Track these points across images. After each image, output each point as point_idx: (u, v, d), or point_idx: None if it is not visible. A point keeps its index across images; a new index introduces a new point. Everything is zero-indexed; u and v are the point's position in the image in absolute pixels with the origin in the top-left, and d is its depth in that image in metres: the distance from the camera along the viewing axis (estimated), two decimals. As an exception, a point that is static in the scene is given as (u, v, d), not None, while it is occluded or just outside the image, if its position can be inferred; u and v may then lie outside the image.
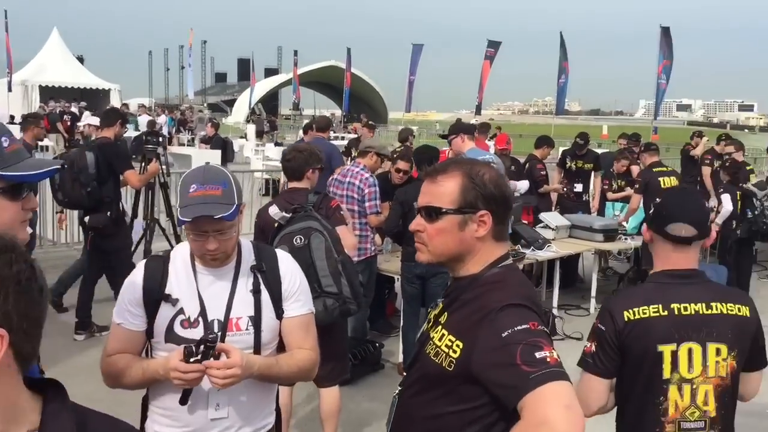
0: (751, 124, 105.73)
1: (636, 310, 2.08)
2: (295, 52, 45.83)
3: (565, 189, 8.70)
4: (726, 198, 7.80)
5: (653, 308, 2.07)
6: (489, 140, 11.56)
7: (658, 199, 2.24)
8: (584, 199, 8.89)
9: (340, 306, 3.51)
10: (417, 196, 5.69)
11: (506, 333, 1.51)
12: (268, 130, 31.12)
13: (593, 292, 7.38)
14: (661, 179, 7.63)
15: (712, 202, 9.89)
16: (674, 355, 2.06)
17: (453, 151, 5.90)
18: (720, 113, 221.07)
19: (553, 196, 8.87)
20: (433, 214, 1.74)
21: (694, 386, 2.07)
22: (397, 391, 1.82)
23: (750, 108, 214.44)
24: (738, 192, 7.90)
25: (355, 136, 16.29)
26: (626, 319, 2.08)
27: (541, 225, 7.34)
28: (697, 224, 2.12)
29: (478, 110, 32.79)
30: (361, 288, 3.93)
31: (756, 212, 7.91)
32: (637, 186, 7.89)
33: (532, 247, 6.61)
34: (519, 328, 1.51)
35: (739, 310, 2.13)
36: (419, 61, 32.68)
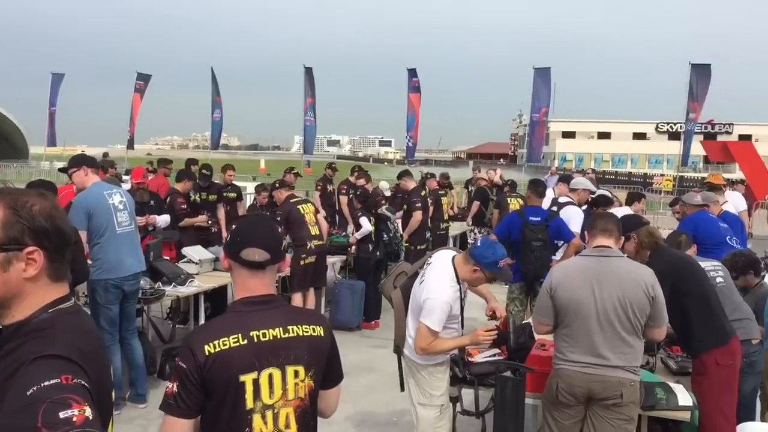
0: (389, 157, 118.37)
1: (216, 342, 2.01)
2: None
3: (209, 222, 8.61)
4: (364, 220, 8.48)
5: (233, 338, 2.02)
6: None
7: (234, 226, 2.22)
8: (213, 231, 8.86)
9: None
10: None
11: (31, 390, 1.30)
12: None
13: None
14: (299, 207, 8.00)
15: (350, 228, 10.68)
16: (256, 383, 2.03)
17: (75, 185, 5.42)
18: (364, 148, 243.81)
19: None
20: None
21: (276, 411, 2.06)
22: None
23: (389, 143, 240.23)
24: (372, 217, 8.62)
25: None
26: (207, 353, 1.99)
27: (185, 260, 7.13)
28: (270, 249, 2.12)
29: (130, 144, 31.39)
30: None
31: (390, 234, 8.71)
32: (278, 218, 8.15)
33: (173, 284, 6.38)
34: (47, 383, 1.32)
35: (313, 330, 2.16)
36: (60, 92, 30.24)
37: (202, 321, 6.96)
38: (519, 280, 6.86)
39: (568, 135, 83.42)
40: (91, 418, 1.31)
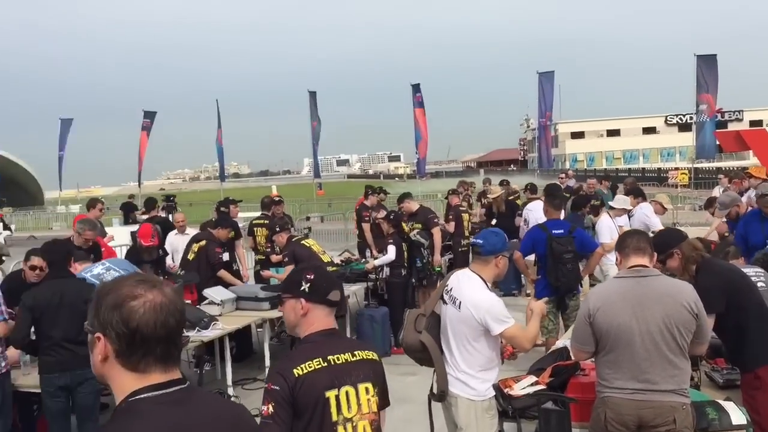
0: (399, 172, 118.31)
1: (303, 366, 2.43)
2: None
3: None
4: (392, 249, 8.33)
5: (316, 362, 2.45)
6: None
7: (310, 276, 2.59)
8: (234, 268, 8.79)
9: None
10: (51, 298, 4.94)
11: None
12: None
13: (267, 361, 7.21)
14: (303, 243, 7.95)
15: (368, 254, 10.48)
16: (337, 399, 2.44)
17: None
18: (374, 165, 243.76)
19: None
20: None
21: (354, 423, 2.46)
22: None
23: (397, 158, 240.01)
24: (404, 243, 8.50)
25: None
26: (296, 375, 2.41)
27: (206, 302, 7.03)
28: (342, 291, 2.70)
29: (139, 181, 31.63)
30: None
31: (424, 261, 8.63)
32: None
33: (197, 328, 6.27)
34: None
35: (371, 355, 2.60)
36: (68, 136, 30.56)
37: (228, 362, 6.87)
38: (547, 296, 6.70)
39: (577, 135, 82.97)
40: None
